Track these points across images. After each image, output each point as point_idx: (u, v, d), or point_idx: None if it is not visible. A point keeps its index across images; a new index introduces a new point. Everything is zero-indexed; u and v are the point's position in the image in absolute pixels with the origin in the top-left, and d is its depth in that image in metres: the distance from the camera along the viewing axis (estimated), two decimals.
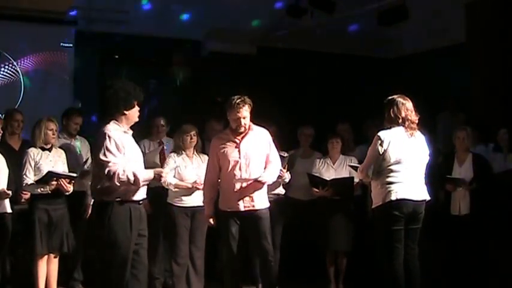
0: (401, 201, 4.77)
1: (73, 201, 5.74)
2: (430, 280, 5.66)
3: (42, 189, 5.36)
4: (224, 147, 5.11)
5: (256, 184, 5.07)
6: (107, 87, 4.46)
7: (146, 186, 4.55)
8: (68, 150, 5.87)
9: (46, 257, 5.46)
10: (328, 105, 9.62)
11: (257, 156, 5.13)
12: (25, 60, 8.34)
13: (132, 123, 4.50)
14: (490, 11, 7.77)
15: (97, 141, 4.35)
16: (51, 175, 5.32)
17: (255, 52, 9.49)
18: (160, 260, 6.15)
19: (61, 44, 8.44)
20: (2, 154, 5.32)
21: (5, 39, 8.13)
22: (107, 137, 4.28)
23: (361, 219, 6.35)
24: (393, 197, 4.77)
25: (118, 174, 4.23)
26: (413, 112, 4.88)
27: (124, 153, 4.33)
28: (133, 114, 4.47)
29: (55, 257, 5.53)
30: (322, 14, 7.90)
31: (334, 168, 6.39)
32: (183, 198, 5.77)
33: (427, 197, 4.93)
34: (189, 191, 5.75)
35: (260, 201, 5.14)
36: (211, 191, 5.24)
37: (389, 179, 4.81)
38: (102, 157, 4.26)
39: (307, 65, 9.76)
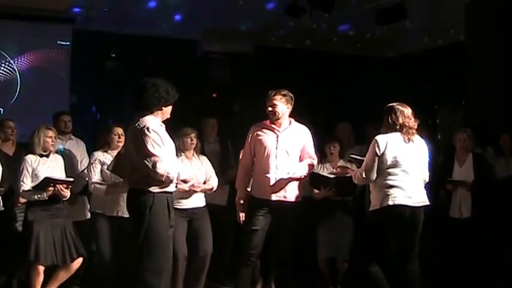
0: (398, 207, 4.75)
1: None
2: (430, 284, 5.63)
3: (39, 195, 5.31)
4: (262, 135, 5.23)
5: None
6: (147, 84, 4.59)
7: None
8: (64, 155, 5.88)
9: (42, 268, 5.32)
10: (327, 104, 9.59)
11: (294, 150, 5.23)
12: (22, 58, 8.31)
13: (164, 119, 4.70)
14: (490, 11, 7.74)
15: (140, 134, 4.47)
16: (48, 181, 5.28)
17: (252, 51, 9.44)
18: None
19: (58, 42, 8.41)
20: None
21: (2, 37, 8.11)
22: (152, 131, 4.45)
23: (359, 222, 6.29)
24: (390, 202, 4.76)
25: (166, 171, 4.41)
26: (412, 119, 4.88)
27: (165, 146, 4.50)
28: (169, 111, 4.69)
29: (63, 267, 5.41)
30: (320, 13, 7.87)
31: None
32: (181, 200, 5.68)
33: (426, 202, 4.90)
34: (187, 193, 5.69)
35: (292, 192, 5.14)
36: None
37: (387, 182, 4.80)
38: (150, 149, 4.41)
39: (305, 64, 9.73)
